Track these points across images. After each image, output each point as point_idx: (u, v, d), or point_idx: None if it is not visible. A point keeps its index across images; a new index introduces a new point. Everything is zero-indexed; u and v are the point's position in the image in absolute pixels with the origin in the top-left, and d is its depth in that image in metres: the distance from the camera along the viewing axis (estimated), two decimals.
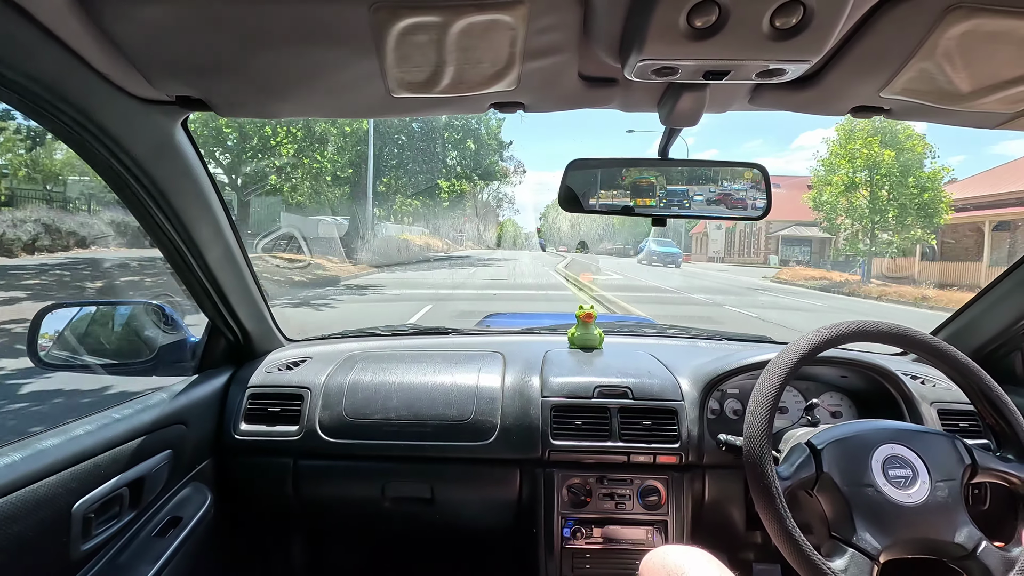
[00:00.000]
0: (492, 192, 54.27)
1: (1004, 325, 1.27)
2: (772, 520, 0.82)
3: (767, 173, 1.02)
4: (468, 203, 43.76)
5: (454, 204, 38.08)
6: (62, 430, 0.90)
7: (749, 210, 1.03)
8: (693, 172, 1.02)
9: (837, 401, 1.36)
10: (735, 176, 1.03)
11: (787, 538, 0.80)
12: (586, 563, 1.23)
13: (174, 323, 1.33)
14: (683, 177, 1.01)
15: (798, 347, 0.92)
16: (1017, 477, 0.86)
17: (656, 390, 1.29)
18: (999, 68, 0.69)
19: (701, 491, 1.24)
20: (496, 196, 56.77)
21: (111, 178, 0.92)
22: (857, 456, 0.88)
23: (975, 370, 0.91)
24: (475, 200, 48.89)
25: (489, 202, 55.23)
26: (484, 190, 51.59)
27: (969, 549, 0.81)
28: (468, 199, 43.84)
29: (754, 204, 1.02)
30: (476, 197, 50.04)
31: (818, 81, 0.76)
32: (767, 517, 0.83)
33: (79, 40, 0.67)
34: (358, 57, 0.70)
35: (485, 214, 52.29)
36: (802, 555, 0.78)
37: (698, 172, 1.03)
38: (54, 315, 1.23)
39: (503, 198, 56.80)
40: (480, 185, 36.96)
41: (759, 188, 1.02)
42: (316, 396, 1.32)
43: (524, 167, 46.45)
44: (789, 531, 0.80)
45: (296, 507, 1.32)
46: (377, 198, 23.48)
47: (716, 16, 0.55)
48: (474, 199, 48.83)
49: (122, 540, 1.00)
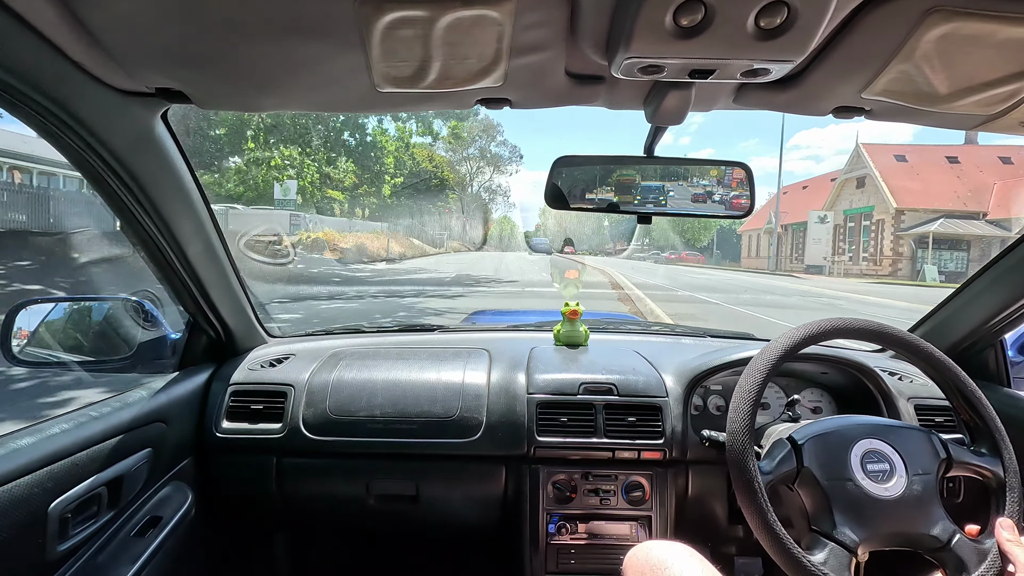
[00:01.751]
0: (484, 184, 49.08)
1: (978, 322, 1.30)
2: (753, 514, 0.83)
3: (751, 171, 1.04)
4: (451, 197, 39.63)
5: (430, 197, 33.68)
6: (38, 428, 0.88)
7: (733, 208, 1.04)
8: (678, 170, 1.03)
9: (817, 397, 1.38)
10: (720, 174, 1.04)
11: (768, 531, 0.81)
12: (571, 559, 1.23)
13: (154, 319, 1.31)
14: (668, 175, 1.02)
15: (780, 344, 0.94)
16: (990, 470, 0.88)
17: (641, 387, 1.30)
18: (976, 71, 0.71)
19: (684, 486, 1.26)
20: (488, 188, 50.59)
21: (88, 171, 0.90)
22: (837, 451, 0.90)
23: (951, 367, 0.93)
24: (462, 193, 44.34)
25: (480, 194, 49.66)
26: (474, 181, 46.63)
27: (944, 541, 0.83)
28: (453, 193, 39.73)
29: (739, 202, 1.04)
30: (464, 189, 45.29)
31: (801, 81, 0.77)
32: (749, 511, 0.84)
33: (54, 28, 0.65)
34: (343, 50, 0.69)
35: (474, 209, 47.30)
36: (782, 548, 0.80)
37: (683, 170, 1.04)
38: (29, 311, 1.20)
39: (496, 190, 50.78)
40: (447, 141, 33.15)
41: (743, 186, 1.03)
42: (300, 393, 1.30)
43: (520, 152, 40.18)
44: (770, 524, 0.81)
45: (279, 506, 1.30)
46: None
47: (702, 15, 0.56)
48: (461, 192, 44.12)
49: (100, 540, 0.98)
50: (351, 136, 28.46)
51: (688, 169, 1.03)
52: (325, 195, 25.67)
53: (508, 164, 49.54)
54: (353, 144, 28.47)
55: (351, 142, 28.44)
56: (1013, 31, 0.62)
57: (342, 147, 27.51)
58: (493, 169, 48.93)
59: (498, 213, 53.84)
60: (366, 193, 29.67)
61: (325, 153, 25.62)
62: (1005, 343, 1.38)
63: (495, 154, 48.00)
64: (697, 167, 1.03)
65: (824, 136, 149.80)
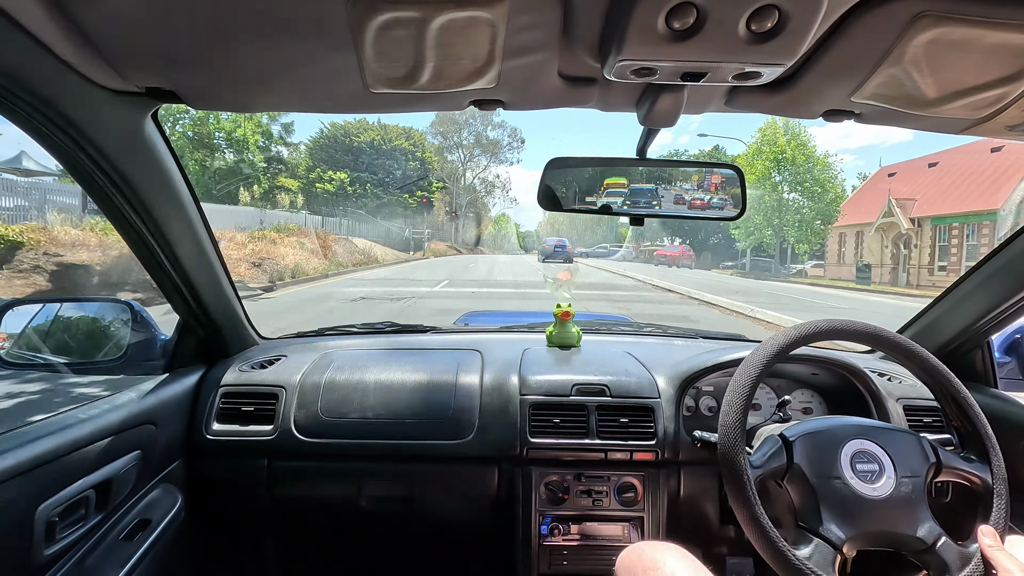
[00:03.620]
0: (478, 175, 41.88)
1: (966, 323, 1.32)
2: (742, 507, 0.84)
3: (742, 173, 1.05)
4: (436, 186, 31.63)
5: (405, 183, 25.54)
6: (25, 431, 0.87)
7: (725, 210, 1.05)
8: (669, 172, 1.04)
9: (808, 398, 1.39)
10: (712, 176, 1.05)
11: (755, 524, 0.82)
12: (563, 560, 1.23)
13: (143, 321, 1.30)
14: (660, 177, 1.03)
15: (771, 345, 0.94)
16: (978, 477, 0.89)
17: (633, 388, 1.30)
18: (963, 75, 0.72)
19: (676, 487, 1.26)
20: (484, 180, 43.23)
21: (77, 171, 0.89)
22: (827, 449, 0.91)
23: (945, 373, 0.94)
24: (454, 185, 37.75)
25: (474, 186, 42.25)
26: (466, 171, 38.26)
27: (929, 543, 0.83)
28: (439, 183, 31.92)
29: (730, 204, 1.05)
30: (457, 182, 38.10)
31: (792, 85, 0.78)
32: (737, 504, 0.85)
33: (43, 27, 0.64)
34: (335, 51, 0.69)
35: (468, 203, 40.51)
36: (768, 541, 0.80)
37: (674, 172, 1.05)
38: (15, 312, 1.18)
39: (494, 183, 43.65)
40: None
41: (735, 188, 1.04)
42: (291, 395, 1.30)
43: (522, 135, 32.83)
44: (757, 517, 0.82)
45: (270, 508, 1.29)
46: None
47: (694, 19, 0.57)
48: (454, 184, 37.29)
49: (88, 544, 0.97)
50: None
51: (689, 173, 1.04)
52: (276, 184, 20.12)
53: (508, 152, 42.43)
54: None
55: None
56: (1000, 36, 0.63)
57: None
58: (490, 157, 42.51)
59: (496, 209, 47.74)
60: (320, 179, 22.75)
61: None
62: (992, 344, 1.40)
63: (492, 140, 41.62)
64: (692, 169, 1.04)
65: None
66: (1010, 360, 1.52)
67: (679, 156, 28.61)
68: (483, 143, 41.81)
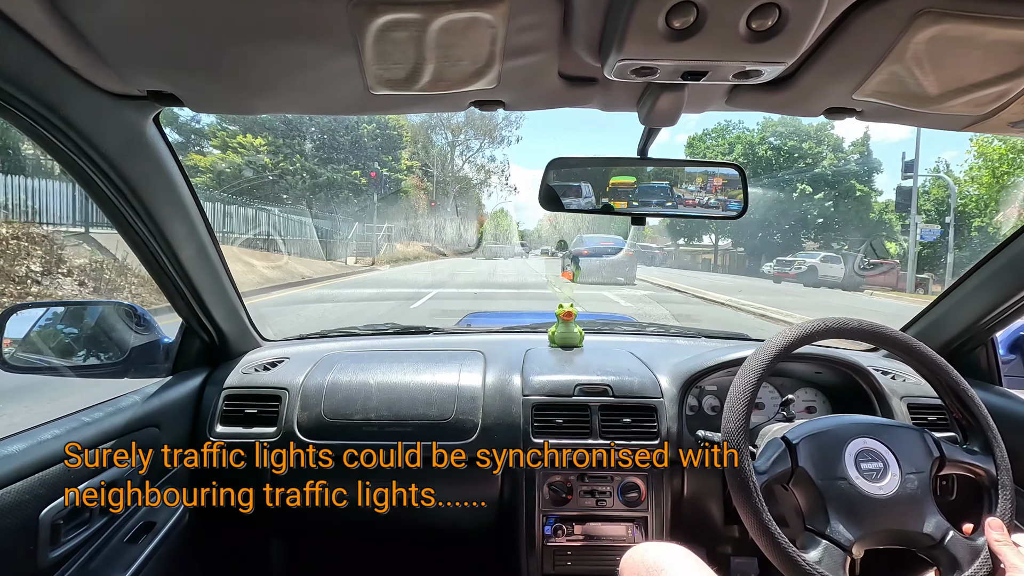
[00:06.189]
0: (470, 159, 32.38)
1: (969, 321, 1.31)
2: (749, 514, 0.83)
3: (744, 172, 1.05)
4: (413, 164, 23.38)
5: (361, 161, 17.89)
6: (29, 434, 0.87)
7: (726, 210, 1.05)
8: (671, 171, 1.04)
9: (812, 397, 1.39)
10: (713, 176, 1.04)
11: (763, 531, 0.81)
12: (567, 560, 1.23)
13: (146, 323, 1.30)
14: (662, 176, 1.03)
15: (774, 344, 0.94)
16: (982, 469, 0.89)
17: (636, 388, 1.30)
18: (965, 72, 0.71)
19: (680, 487, 1.26)
20: (478, 166, 33.79)
21: (79, 175, 0.89)
22: (831, 450, 0.90)
23: (943, 366, 0.94)
24: (441, 172, 29.35)
25: (465, 174, 33.29)
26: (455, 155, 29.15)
27: (937, 539, 0.83)
28: (417, 161, 23.28)
29: (731, 204, 1.05)
30: (443, 165, 29.52)
31: (793, 83, 0.78)
32: (744, 511, 0.84)
33: (45, 31, 0.64)
34: (336, 53, 0.69)
35: (459, 193, 32.23)
36: (777, 547, 0.80)
37: (677, 171, 1.04)
38: (19, 316, 1.18)
39: (490, 168, 34.49)
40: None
41: (736, 188, 1.04)
42: (294, 397, 1.30)
43: (523, 114, 22.72)
44: (765, 524, 0.81)
45: (274, 510, 1.30)
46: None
47: (694, 17, 0.56)
48: (441, 171, 28.58)
49: (92, 547, 0.97)
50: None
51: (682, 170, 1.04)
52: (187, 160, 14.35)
53: (505, 130, 32.88)
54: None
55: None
56: (1001, 32, 0.63)
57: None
58: (484, 137, 34.27)
59: (491, 203, 39.19)
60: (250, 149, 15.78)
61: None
62: (996, 341, 1.39)
63: (485, 117, 30.60)
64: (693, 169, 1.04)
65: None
66: (1015, 357, 1.52)
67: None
68: (476, 124, 34.62)
